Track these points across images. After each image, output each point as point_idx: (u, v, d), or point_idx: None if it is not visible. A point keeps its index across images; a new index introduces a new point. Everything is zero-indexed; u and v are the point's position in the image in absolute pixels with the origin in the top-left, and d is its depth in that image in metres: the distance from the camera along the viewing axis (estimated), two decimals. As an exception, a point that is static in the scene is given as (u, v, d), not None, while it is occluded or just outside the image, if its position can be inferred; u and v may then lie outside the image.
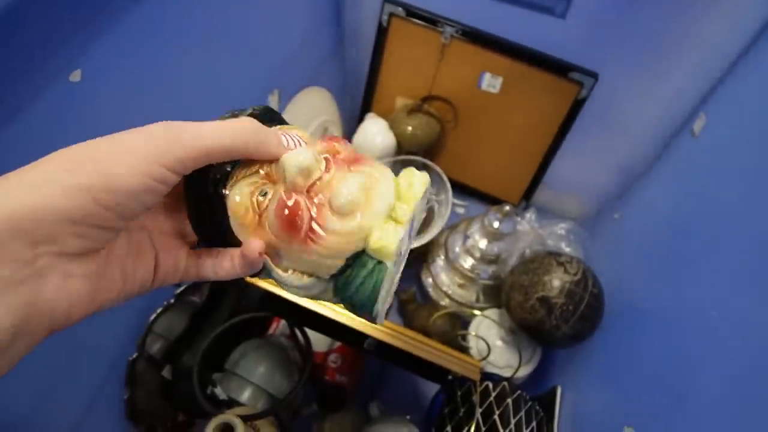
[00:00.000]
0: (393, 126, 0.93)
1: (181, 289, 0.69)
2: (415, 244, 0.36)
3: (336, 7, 0.91)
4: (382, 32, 0.88)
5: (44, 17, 0.41)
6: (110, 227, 0.25)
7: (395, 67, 0.93)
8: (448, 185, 0.85)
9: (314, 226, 0.27)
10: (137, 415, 0.66)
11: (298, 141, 0.30)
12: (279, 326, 0.81)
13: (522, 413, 0.68)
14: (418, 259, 0.91)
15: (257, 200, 0.28)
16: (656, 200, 0.76)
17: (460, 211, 1.00)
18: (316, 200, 0.27)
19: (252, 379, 0.68)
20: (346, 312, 0.64)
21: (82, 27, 0.44)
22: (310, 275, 0.29)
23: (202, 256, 0.32)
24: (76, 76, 0.45)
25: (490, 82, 0.86)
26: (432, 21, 0.83)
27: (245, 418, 0.57)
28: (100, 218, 0.24)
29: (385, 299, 0.30)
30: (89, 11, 0.44)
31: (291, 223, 0.27)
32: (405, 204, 0.29)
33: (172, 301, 0.68)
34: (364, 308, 0.29)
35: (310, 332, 0.71)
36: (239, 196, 0.28)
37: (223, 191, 0.29)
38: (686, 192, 0.68)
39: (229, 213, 0.29)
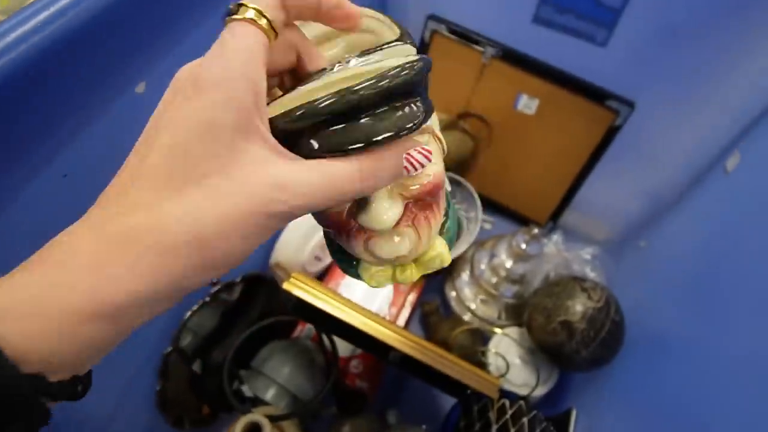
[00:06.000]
0: (427, 140, 0.95)
1: (217, 288, 0.72)
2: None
3: (379, 21, 0.93)
4: (423, 48, 0.90)
5: (114, 39, 0.44)
6: None
7: (434, 82, 0.93)
8: (478, 202, 0.87)
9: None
10: (167, 406, 0.69)
11: (420, 161, 0.27)
12: (304, 329, 0.83)
13: (537, 434, 0.69)
14: (442, 272, 0.93)
15: None
16: (684, 233, 0.77)
17: (488, 227, 1.01)
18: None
19: (278, 379, 0.71)
20: (374, 324, 0.66)
21: (147, 47, 0.48)
22: None
23: None
24: (141, 87, 0.48)
25: (527, 104, 0.87)
26: (473, 40, 0.85)
27: (273, 419, 0.60)
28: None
29: None
30: (153, 34, 0.48)
31: None
32: None
33: (208, 299, 0.71)
34: None
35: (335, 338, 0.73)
36: None
37: None
38: (716, 228, 0.68)
39: None
